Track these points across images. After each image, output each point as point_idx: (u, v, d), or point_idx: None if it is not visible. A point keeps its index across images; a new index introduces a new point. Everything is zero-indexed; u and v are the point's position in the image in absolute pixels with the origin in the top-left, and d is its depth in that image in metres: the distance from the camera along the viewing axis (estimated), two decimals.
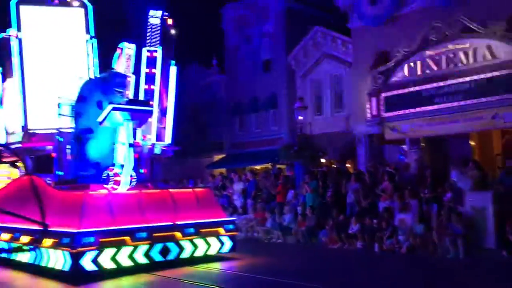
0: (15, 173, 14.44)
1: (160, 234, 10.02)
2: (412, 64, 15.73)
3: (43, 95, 13.57)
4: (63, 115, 12.11)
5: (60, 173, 11.92)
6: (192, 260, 10.50)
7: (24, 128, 13.43)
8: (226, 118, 29.01)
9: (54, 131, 12.29)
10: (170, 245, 10.21)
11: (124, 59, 13.72)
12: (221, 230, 11.10)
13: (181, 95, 15.17)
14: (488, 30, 14.24)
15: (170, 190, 11.26)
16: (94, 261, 9.20)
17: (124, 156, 10.39)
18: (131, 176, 10.41)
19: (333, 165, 20.27)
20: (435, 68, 15.20)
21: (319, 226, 14.23)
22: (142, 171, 12.06)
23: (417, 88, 15.44)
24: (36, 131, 13.34)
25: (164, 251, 10.12)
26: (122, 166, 10.35)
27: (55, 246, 9.52)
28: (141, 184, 11.06)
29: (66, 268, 9.25)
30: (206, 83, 30.44)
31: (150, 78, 13.17)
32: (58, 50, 14.09)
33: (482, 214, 11.20)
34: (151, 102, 12.32)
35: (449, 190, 11.91)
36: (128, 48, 13.98)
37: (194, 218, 10.79)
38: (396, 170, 14.72)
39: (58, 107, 12.15)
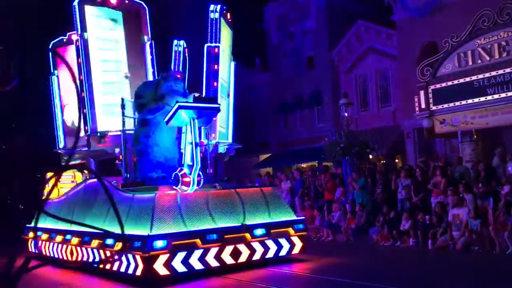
0: (79, 177, 14.57)
1: (230, 236, 9.64)
2: (462, 54, 15.22)
3: (107, 96, 13.54)
4: (127, 116, 11.97)
5: (127, 175, 11.80)
6: (263, 263, 10.10)
7: (92, 130, 13.30)
8: (271, 117, 29.00)
9: (119, 133, 12.14)
10: (241, 247, 9.82)
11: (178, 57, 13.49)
12: (291, 231, 10.63)
13: None
14: None
15: (238, 190, 10.83)
16: (167, 265, 8.89)
17: (191, 156, 10.05)
18: (199, 176, 10.02)
19: (381, 161, 19.91)
20: (486, 57, 14.65)
21: (369, 223, 14.00)
22: (208, 171, 11.75)
23: (467, 79, 14.93)
24: (106, 133, 13.22)
25: (235, 254, 9.74)
26: (190, 166, 9.99)
27: (126, 249, 9.18)
28: (208, 184, 10.68)
29: (138, 273, 9.00)
30: (250, 82, 30.53)
31: (212, 75, 12.71)
32: (119, 52, 14.09)
33: None
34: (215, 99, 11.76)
35: (507, 183, 11.45)
36: (176, 45, 13.71)
37: (263, 218, 10.42)
38: (448, 164, 14.29)
39: (122, 108, 12.04)
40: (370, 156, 18.43)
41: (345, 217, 14.69)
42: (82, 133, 13.58)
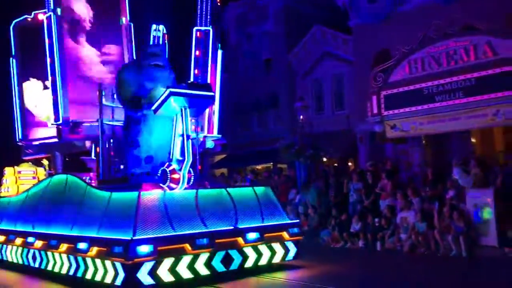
0: (41, 172, 13.59)
1: (222, 240, 8.90)
2: (412, 62, 15.68)
3: (81, 82, 12.48)
4: (105, 104, 10.83)
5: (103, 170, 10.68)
6: (255, 270, 9.39)
7: (65, 119, 12.11)
8: (227, 118, 28.94)
9: (96, 123, 10.94)
10: (233, 252, 9.09)
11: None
12: (285, 235, 9.89)
13: None
14: (488, 27, 14.18)
15: (229, 189, 10.07)
16: (151, 273, 8.09)
17: (181, 150, 9.08)
18: (189, 172, 9.12)
19: (334, 164, 20.28)
20: (436, 65, 15.14)
21: (321, 225, 14.24)
22: (197, 167, 10.63)
23: (418, 86, 15.37)
24: (81, 123, 12.01)
25: (227, 260, 9.01)
26: (180, 161, 9.02)
27: (103, 256, 8.42)
28: (197, 182, 9.70)
29: (118, 282, 8.17)
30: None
31: (200, 61, 11.75)
32: (95, 34, 13.10)
33: (483, 212, 11.19)
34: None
35: (451, 188, 11.89)
36: (155, 30, 13.02)
37: (256, 221, 9.67)
38: (396, 168, 14.69)
39: (100, 95, 10.81)
40: (324, 159, 18.73)
41: (297, 219, 14.86)
42: (50, 123, 12.45)
